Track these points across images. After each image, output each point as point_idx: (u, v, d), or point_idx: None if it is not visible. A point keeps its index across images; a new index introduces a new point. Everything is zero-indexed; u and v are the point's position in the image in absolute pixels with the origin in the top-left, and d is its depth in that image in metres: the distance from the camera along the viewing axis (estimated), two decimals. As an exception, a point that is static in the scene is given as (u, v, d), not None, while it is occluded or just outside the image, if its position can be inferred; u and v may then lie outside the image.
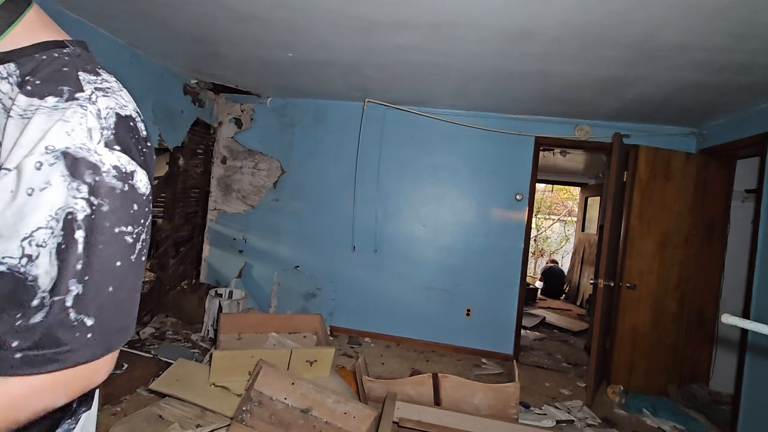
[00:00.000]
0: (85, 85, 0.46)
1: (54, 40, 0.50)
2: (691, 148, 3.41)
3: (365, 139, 3.78)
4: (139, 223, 0.46)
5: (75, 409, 0.54)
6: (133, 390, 2.33)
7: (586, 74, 2.52)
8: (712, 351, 3.23)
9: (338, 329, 3.80)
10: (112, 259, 0.43)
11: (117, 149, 0.44)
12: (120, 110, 0.47)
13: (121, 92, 0.50)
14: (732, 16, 1.71)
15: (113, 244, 0.43)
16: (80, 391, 0.45)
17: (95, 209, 0.42)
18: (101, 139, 0.43)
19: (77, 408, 0.55)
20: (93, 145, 0.43)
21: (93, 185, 0.42)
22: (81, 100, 0.44)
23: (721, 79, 2.37)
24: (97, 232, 0.42)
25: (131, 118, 0.48)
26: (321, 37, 2.40)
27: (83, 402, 0.56)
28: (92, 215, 0.41)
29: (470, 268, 3.69)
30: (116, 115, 0.46)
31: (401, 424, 1.93)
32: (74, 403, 0.54)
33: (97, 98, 0.45)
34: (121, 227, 0.44)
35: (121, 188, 0.44)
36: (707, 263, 3.22)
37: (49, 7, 2.29)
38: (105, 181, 0.42)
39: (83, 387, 0.45)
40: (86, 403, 0.57)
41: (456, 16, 1.97)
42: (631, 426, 2.64)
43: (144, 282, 3.95)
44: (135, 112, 0.50)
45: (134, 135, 0.47)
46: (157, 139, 3.31)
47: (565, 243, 9.02)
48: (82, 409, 0.56)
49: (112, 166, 0.43)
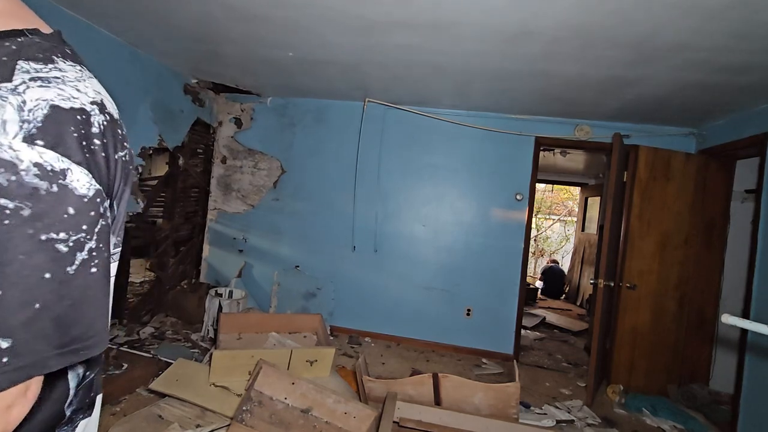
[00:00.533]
0: (16, 75, 0.40)
1: (12, 29, 0.44)
2: (691, 149, 3.41)
3: (365, 138, 3.77)
4: (79, 230, 0.40)
5: (71, 417, 0.51)
6: (132, 390, 2.33)
7: (586, 74, 2.52)
8: (712, 351, 3.23)
9: (338, 329, 3.80)
10: (38, 271, 0.37)
11: (39, 144, 0.38)
12: (61, 102, 0.41)
13: (78, 83, 0.43)
14: (732, 16, 1.71)
15: (38, 253, 0.37)
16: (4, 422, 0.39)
17: (10, 214, 0.36)
18: (19, 133, 0.38)
19: (73, 416, 0.52)
20: (7, 139, 0.37)
21: (6, 186, 0.36)
22: (2, 91, 0.39)
23: (721, 79, 2.38)
24: (14, 241, 0.36)
25: (81, 111, 0.42)
26: (321, 36, 2.39)
27: (80, 410, 0.53)
28: (5, 221, 0.36)
29: (470, 268, 3.69)
30: (51, 107, 0.40)
31: (401, 424, 1.93)
32: (68, 411, 0.51)
33: (27, 89, 0.40)
34: (50, 234, 0.38)
35: (47, 189, 0.38)
36: (707, 263, 3.22)
37: (49, 6, 2.28)
38: (24, 181, 0.37)
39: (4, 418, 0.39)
40: (83, 411, 0.54)
41: (456, 16, 1.97)
42: (631, 426, 2.64)
43: (144, 282, 3.95)
44: (92, 105, 0.44)
45: (79, 130, 0.41)
46: (157, 139, 3.31)
47: (565, 243, 9.02)
48: (80, 417, 0.53)
49: (32, 163, 0.37)
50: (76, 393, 0.52)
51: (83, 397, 0.54)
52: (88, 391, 0.55)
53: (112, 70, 2.79)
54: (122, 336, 3.05)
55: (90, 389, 0.55)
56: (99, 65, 2.68)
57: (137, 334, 3.14)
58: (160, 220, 3.66)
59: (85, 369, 0.53)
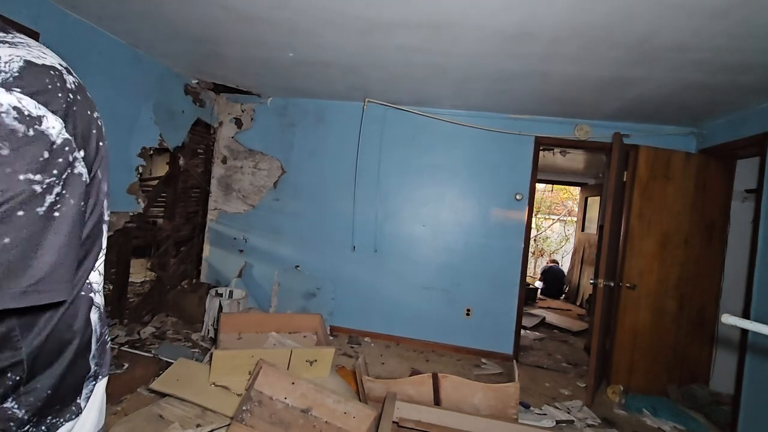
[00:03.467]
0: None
1: None
2: (691, 148, 3.41)
3: (365, 139, 3.78)
4: (51, 174, 0.42)
5: (95, 372, 0.56)
6: (133, 389, 2.33)
7: (586, 74, 2.52)
8: (712, 351, 3.22)
9: (338, 329, 3.80)
10: (12, 208, 0.39)
11: (17, 91, 0.40)
12: (34, 59, 0.43)
13: (42, 48, 0.46)
14: (732, 16, 1.71)
15: (14, 190, 0.39)
16: None
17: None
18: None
19: (97, 370, 0.57)
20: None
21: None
22: None
23: (721, 79, 2.38)
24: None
25: (52, 68, 0.44)
26: (321, 37, 2.40)
27: (101, 366, 0.57)
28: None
29: (470, 268, 3.69)
30: (25, 62, 0.42)
31: (401, 424, 1.94)
32: (92, 363, 0.55)
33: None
34: (27, 175, 0.40)
35: (24, 132, 0.39)
36: (707, 263, 3.22)
37: (51, 8, 2.29)
38: (4, 122, 0.38)
39: None
40: (102, 369, 0.58)
41: (456, 16, 1.98)
42: (631, 426, 2.64)
43: (144, 281, 3.96)
44: (62, 66, 0.46)
45: (54, 83, 0.44)
46: (158, 139, 3.31)
47: (565, 243, 9.01)
48: (102, 373, 0.58)
49: (11, 106, 0.39)
50: (97, 346, 0.56)
51: (101, 353, 0.58)
52: (103, 349, 0.59)
53: (113, 72, 2.80)
54: (123, 336, 3.05)
55: (105, 348, 0.59)
56: (101, 67, 2.68)
57: (138, 333, 3.15)
58: (160, 220, 3.67)
59: (100, 325, 0.57)
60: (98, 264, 0.54)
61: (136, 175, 3.15)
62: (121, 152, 2.99)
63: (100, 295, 0.56)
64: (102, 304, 0.57)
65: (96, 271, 0.54)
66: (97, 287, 0.55)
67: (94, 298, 0.54)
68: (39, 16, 2.22)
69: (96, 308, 0.55)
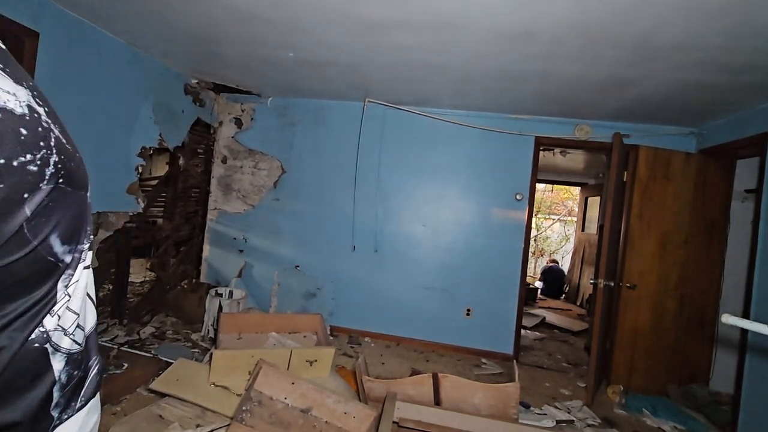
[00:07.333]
0: None
1: None
2: (691, 148, 3.41)
3: (365, 139, 3.78)
4: (38, 147, 0.39)
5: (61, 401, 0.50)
6: (133, 389, 2.33)
7: (587, 74, 2.52)
8: (712, 351, 3.22)
9: (338, 329, 3.80)
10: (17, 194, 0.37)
11: None
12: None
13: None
14: (732, 16, 1.71)
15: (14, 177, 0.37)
16: None
17: None
18: None
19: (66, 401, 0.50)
20: None
21: None
22: None
23: (721, 79, 2.37)
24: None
25: None
26: (322, 37, 2.40)
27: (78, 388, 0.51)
28: None
29: (470, 268, 3.69)
30: None
31: (401, 424, 1.93)
32: None
33: None
34: (19, 159, 0.37)
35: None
36: (707, 263, 3.22)
37: (51, 8, 2.29)
38: None
39: None
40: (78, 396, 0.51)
41: (456, 16, 1.97)
42: (631, 426, 2.64)
43: (144, 281, 3.96)
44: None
45: None
46: (158, 139, 3.31)
47: (565, 243, 9.01)
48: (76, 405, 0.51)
49: None
50: (62, 394, 0.50)
51: (73, 393, 0.52)
52: (75, 389, 0.52)
53: (113, 71, 2.79)
54: (123, 336, 3.05)
55: (81, 384, 0.53)
56: (101, 66, 2.68)
57: (138, 333, 3.15)
58: (160, 220, 3.67)
59: (69, 368, 0.51)
60: (58, 308, 0.46)
61: (136, 175, 3.14)
62: (120, 152, 2.99)
63: (71, 338, 0.49)
64: (78, 346, 0.50)
65: (55, 315, 0.46)
66: (58, 333, 0.47)
67: (53, 345, 0.47)
68: (39, 15, 2.22)
69: (62, 354, 0.48)
